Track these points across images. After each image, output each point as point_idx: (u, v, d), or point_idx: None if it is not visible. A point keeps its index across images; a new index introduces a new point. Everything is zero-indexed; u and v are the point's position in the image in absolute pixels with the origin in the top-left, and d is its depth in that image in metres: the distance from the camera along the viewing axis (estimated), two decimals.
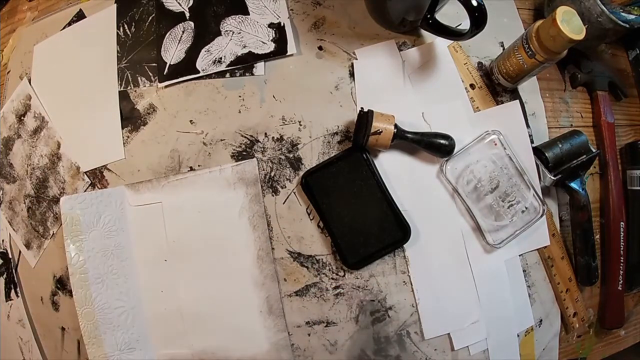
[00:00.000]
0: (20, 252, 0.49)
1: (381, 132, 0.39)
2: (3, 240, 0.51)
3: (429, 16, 0.41)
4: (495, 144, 0.43)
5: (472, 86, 0.45)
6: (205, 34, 0.46)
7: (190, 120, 0.44)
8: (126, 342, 0.43)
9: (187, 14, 0.47)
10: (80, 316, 0.42)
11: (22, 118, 0.50)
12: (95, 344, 0.42)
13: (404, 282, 0.42)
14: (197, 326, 0.43)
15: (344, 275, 0.43)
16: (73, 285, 0.43)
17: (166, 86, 0.45)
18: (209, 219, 0.43)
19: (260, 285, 0.42)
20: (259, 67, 0.45)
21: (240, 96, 0.44)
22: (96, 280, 0.43)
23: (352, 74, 0.45)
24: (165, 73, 0.45)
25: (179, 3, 0.47)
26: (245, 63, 0.45)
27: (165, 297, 0.43)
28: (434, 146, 0.41)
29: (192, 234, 0.43)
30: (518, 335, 0.44)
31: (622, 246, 0.46)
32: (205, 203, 0.43)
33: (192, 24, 0.46)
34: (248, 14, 0.46)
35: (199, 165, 0.44)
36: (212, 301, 0.43)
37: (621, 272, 0.46)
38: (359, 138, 0.40)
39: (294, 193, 0.43)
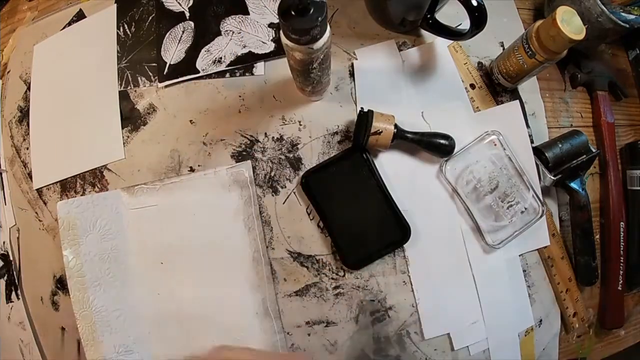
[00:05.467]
0: (20, 252, 0.49)
1: (381, 132, 0.39)
2: (4, 243, 0.50)
3: (429, 16, 0.41)
4: (495, 144, 0.43)
5: (472, 86, 0.45)
6: (205, 33, 0.46)
7: (190, 120, 0.44)
8: (124, 345, 0.43)
9: (187, 14, 0.46)
10: (79, 318, 0.43)
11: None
12: (93, 345, 0.43)
13: (404, 282, 0.42)
14: (194, 328, 0.43)
15: (344, 275, 0.43)
16: (71, 288, 0.43)
17: (166, 86, 0.45)
18: (204, 222, 0.43)
19: (256, 287, 0.42)
20: (259, 67, 0.45)
21: (240, 96, 0.44)
22: (93, 283, 0.43)
23: (352, 74, 0.45)
24: (165, 73, 0.45)
25: (179, 3, 0.47)
26: (245, 63, 0.45)
27: (161, 299, 0.43)
28: (433, 146, 0.41)
29: (187, 236, 0.43)
30: (518, 336, 0.44)
31: (622, 246, 0.46)
32: (200, 205, 0.43)
33: (192, 23, 0.46)
34: (248, 13, 0.46)
35: (199, 165, 0.44)
36: (209, 303, 0.43)
37: (621, 272, 0.46)
38: (359, 138, 0.40)
39: (294, 193, 0.43)
